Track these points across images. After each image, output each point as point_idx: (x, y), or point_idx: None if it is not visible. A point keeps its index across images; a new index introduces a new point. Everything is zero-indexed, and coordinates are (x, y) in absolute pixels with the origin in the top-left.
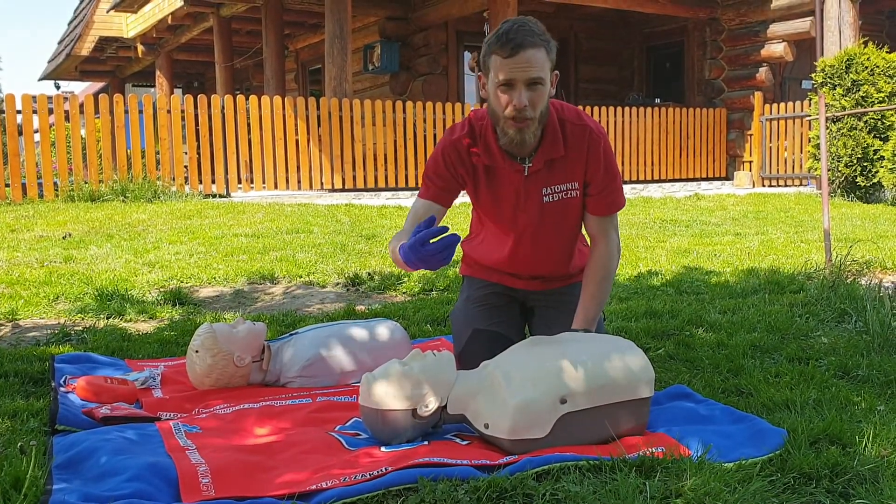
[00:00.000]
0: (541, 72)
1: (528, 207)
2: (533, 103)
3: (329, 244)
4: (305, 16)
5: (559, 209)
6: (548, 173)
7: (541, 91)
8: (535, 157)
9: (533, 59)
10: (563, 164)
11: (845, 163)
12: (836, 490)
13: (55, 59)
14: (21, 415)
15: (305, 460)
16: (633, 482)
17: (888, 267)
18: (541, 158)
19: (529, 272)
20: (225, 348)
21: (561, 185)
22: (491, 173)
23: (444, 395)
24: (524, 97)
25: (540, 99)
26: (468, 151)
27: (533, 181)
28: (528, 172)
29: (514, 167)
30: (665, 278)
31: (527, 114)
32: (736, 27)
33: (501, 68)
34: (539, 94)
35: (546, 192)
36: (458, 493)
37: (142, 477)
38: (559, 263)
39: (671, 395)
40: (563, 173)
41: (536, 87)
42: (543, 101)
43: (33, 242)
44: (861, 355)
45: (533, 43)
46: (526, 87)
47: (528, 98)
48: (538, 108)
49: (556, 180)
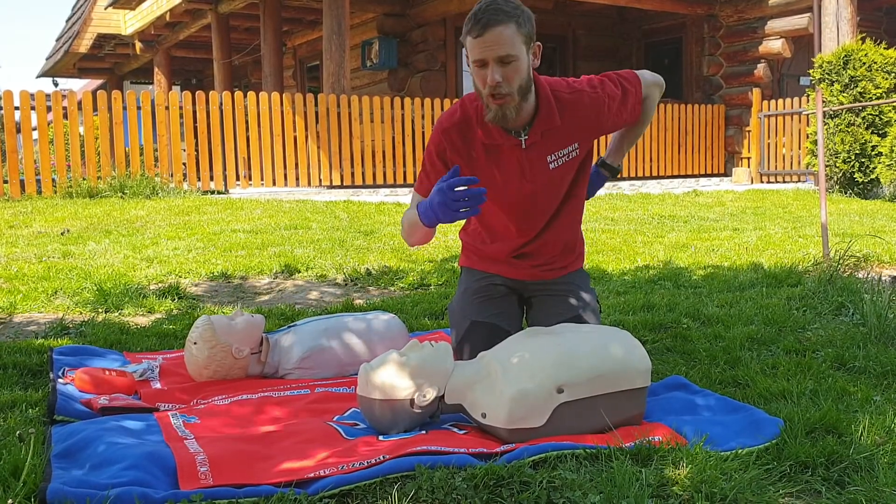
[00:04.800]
0: (510, 49)
1: (535, 177)
2: (507, 78)
3: (327, 240)
4: (303, 12)
5: (566, 171)
6: (547, 142)
7: (514, 66)
8: (531, 130)
9: (501, 37)
10: (560, 133)
11: (843, 159)
12: (831, 478)
13: (53, 57)
14: (20, 405)
15: (303, 449)
16: (630, 470)
17: (885, 261)
18: (537, 130)
19: (533, 252)
20: (223, 340)
21: (563, 150)
22: (490, 151)
23: (441, 385)
24: (497, 74)
25: (515, 73)
26: (460, 135)
27: (534, 151)
28: (526, 145)
29: (511, 141)
30: (663, 272)
31: (502, 90)
32: (734, 24)
33: (473, 48)
34: (513, 70)
35: (551, 159)
36: (456, 481)
37: (140, 465)
38: (563, 241)
39: (668, 386)
40: (562, 139)
41: (508, 63)
42: (520, 75)
43: (32, 238)
44: (858, 347)
45: (499, 21)
46: (497, 65)
47: (502, 74)
48: (514, 83)
49: (557, 147)
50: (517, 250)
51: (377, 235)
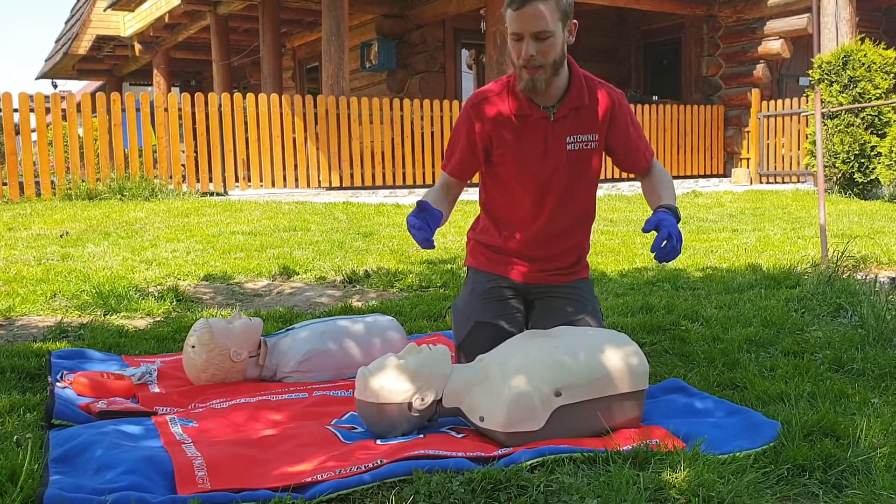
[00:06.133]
0: (547, 25)
1: (556, 153)
2: (543, 52)
3: (326, 242)
4: (302, 14)
5: (582, 158)
6: (573, 121)
7: (550, 42)
8: (561, 105)
9: (538, 13)
10: (587, 114)
11: (842, 159)
12: (829, 481)
13: (52, 58)
14: (17, 409)
15: (301, 453)
16: (627, 474)
17: (884, 262)
18: (567, 105)
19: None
20: (221, 343)
21: (583, 136)
22: (519, 121)
23: (439, 388)
24: (532, 48)
25: (550, 48)
26: (490, 106)
27: (559, 128)
28: (555, 118)
29: (540, 114)
30: (661, 274)
31: (536, 62)
32: (733, 24)
33: (511, 21)
34: (548, 45)
35: (570, 140)
36: (453, 485)
37: (137, 470)
38: (572, 232)
39: (666, 389)
40: (586, 123)
41: (544, 39)
42: (555, 49)
43: (31, 241)
44: (856, 349)
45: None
46: (533, 40)
47: (536, 49)
48: (550, 57)
49: (579, 129)
50: (528, 242)
51: (376, 237)
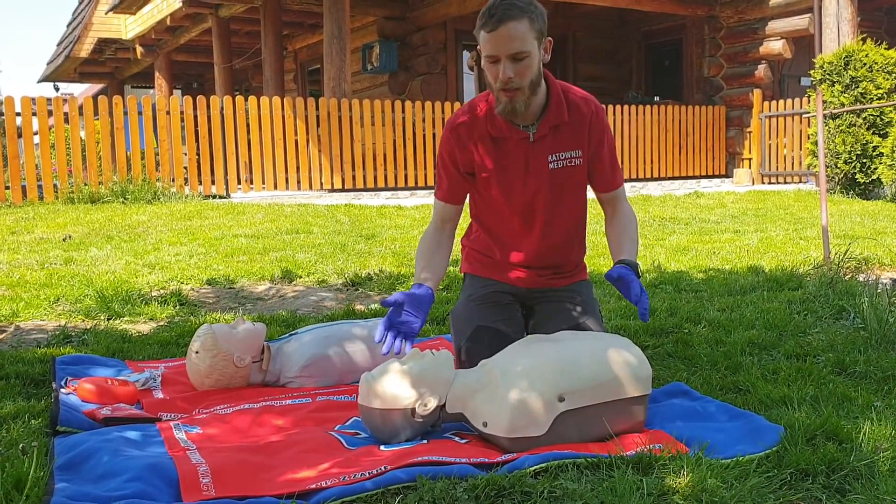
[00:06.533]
0: (523, 45)
1: (537, 172)
2: (519, 74)
3: (329, 244)
4: (304, 16)
5: (565, 176)
6: (553, 140)
7: (527, 62)
8: (540, 124)
9: (514, 33)
10: (567, 131)
11: (844, 159)
12: (832, 486)
13: (54, 61)
14: (22, 416)
15: (305, 459)
16: (631, 479)
17: (886, 263)
18: (546, 124)
19: (537, 255)
20: (225, 349)
21: (565, 153)
22: (498, 144)
23: (442, 394)
24: (509, 70)
25: (527, 69)
26: (468, 130)
27: (539, 147)
28: (534, 139)
29: (519, 134)
30: (663, 276)
31: (513, 84)
32: (734, 24)
33: (486, 43)
34: (525, 66)
35: (552, 158)
36: (457, 492)
37: (142, 477)
38: (566, 244)
39: (669, 393)
40: (567, 140)
41: (521, 59)
42: (532, 70)
43: (34, 244)
44: (858, 352)
45: (513, 16)
46: (509, 62)
47: (514, 70)
48: (526, 78)
49: (560, 147)
50: (522, 255)
51: (378, 239)
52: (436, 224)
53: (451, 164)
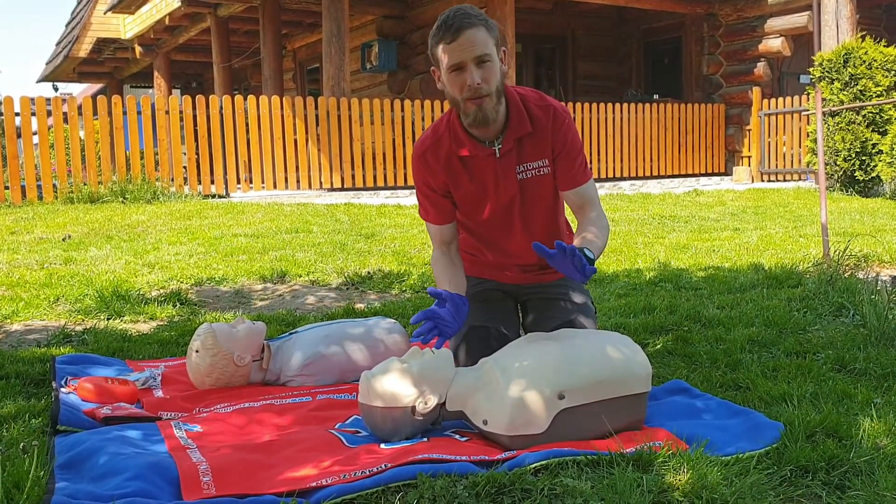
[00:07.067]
0: (485, 48)
1: (507, 185)
2: (485, 79)
3: (328, 243)
4: (303, 15)
5: (535, 184)
6: (518, 153)
7: (490, 67)
8: (504, 138)
9: (475, 38)
10: (531, 142)
11: (844, 157)
12: (832, 482)
13: (53, 61)
14: (23, 415)
15: (306, 458)
16: (631, 476)
17: (886, 260)
18: (510, 137)
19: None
20: (225, 348)
21: (532, 163)
22: (468, 164)
23: (442, 392)
24: (476, 75)
25: (491, 74)
26: (435, 155)
27: (506, 161)
28: (500, 154)
29: (486, 152)
30: (663, 274)
31: (482, 90)
32: (733, 22)
33: (448, 54)
34: (489, 70)
35: (519, 170)
36: (457, 489)
37: (143, 476)
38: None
39: (669, 390)
40: (532, 151)
41: (485, 63)
42: (496, 75)
43: (33, 244)
44: (858, 349)
45: (471, 24)
46: (475, 66)
47: (480, 75)
48: (492, 83)
49: (526, 158)
50: (508, 256)
51: (378, 238)
52: (440, 248)
53: (429, 190)
